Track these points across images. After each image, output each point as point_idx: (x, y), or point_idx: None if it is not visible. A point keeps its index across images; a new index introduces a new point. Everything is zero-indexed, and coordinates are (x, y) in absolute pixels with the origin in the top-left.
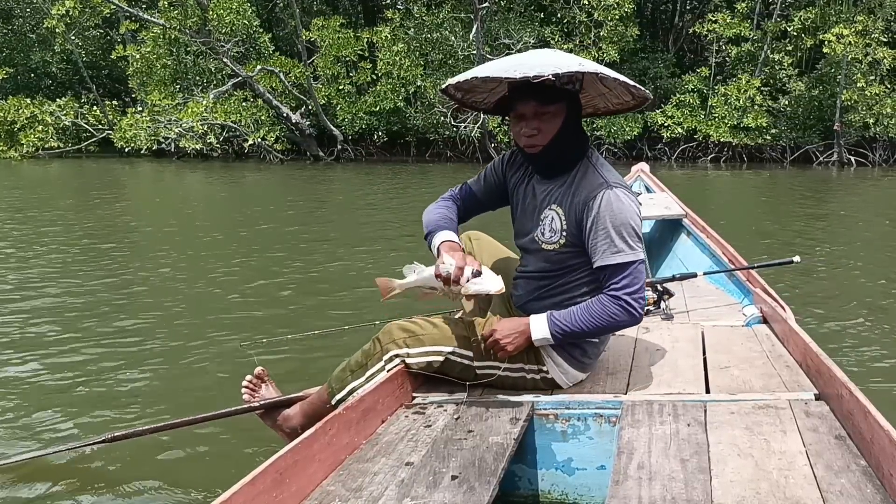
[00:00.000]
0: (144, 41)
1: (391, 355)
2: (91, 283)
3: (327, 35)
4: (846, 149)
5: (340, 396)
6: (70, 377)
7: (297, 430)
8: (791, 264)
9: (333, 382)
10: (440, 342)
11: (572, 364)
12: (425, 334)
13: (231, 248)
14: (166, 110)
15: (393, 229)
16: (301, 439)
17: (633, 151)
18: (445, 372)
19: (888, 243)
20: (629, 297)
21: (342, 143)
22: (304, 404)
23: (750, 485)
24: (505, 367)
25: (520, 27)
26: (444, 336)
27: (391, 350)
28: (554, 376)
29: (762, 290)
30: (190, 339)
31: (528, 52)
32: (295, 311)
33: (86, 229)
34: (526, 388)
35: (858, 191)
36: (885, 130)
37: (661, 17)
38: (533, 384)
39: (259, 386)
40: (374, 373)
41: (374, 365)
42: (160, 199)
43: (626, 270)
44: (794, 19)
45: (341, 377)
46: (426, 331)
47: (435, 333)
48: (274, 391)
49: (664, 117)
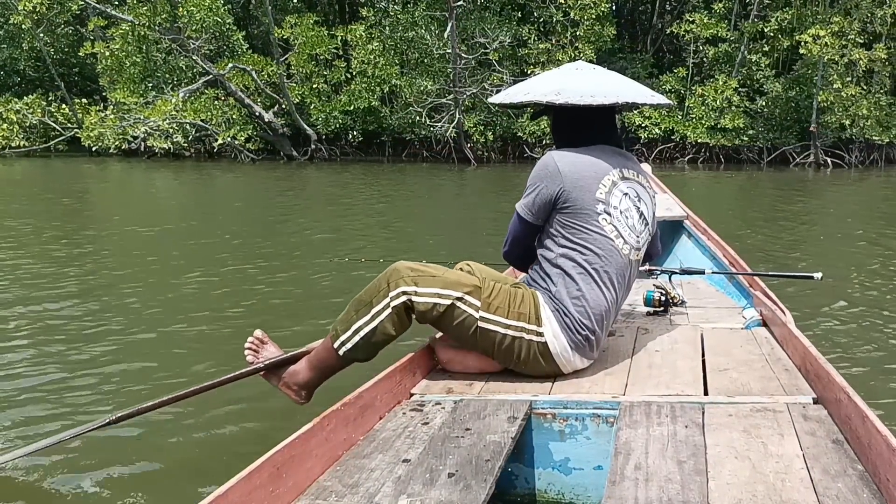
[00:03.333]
0: (114, 38)
1: (399, 292)
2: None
3: (301, 33)
4: (822, 150)
5: (345, 337)
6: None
7: (305, 385)
8: (811, 280)
9: (338, 325)
10: (450, 286)
11: (567, 333)
12: (436, 275)
13: (177, 253)
14: (133, 109)
15: (346, 232)
16: (298, 434)
17: None
18: (445, 322)
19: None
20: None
21: (316, 142)
22: (310, 357)
23: (746, 487)
24: (507, 324)
25: (496, 26)
26: (455, 281)
27: (399, 286)
28: (548, 341)
29: (762, 293)
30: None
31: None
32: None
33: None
34: (520, 355)
35: (836, 192)
36: (860, 132)
37: (640, 17)
38: (528, 349)
39: (261, 347)
40: (379, 310)
41: (379, 302)
42: (120, 200)
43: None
44: (770, 20)
45: (345, 319)
46: (437, 272)
47: (446, 277)
48: (276, 350)
49: (641, 118)
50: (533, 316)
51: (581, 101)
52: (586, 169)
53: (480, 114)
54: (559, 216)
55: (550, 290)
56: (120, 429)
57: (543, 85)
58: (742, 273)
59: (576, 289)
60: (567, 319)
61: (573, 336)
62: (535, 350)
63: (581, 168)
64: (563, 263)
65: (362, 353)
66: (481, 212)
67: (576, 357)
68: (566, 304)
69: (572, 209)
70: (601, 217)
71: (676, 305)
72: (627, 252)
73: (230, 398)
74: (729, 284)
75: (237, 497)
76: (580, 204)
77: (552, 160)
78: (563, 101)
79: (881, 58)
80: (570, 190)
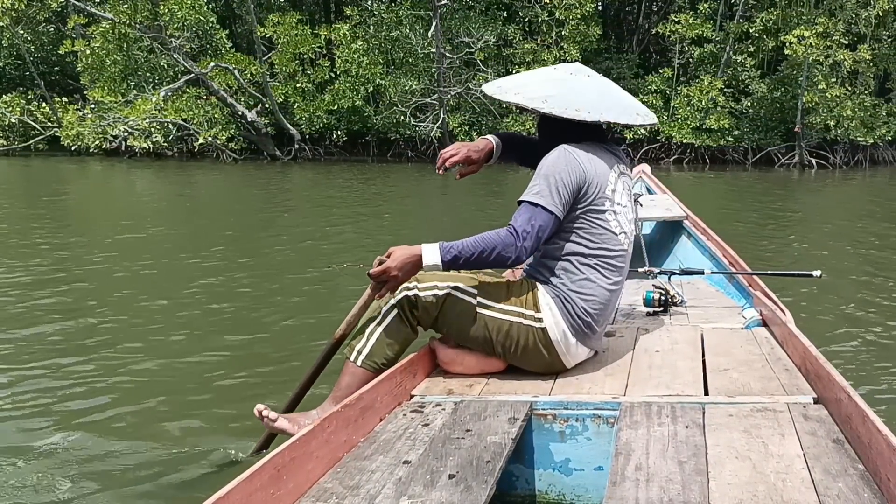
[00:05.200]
0: (94, 36)
1: (402, 288)
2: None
3: (284, 31)
4: (807, 151)
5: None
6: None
7: None
8: (810, 278)
9: (352, 342)
10: (447, 279)
11: (564, 317)
12: (433, 274)
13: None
14: (112, 108)
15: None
16: (298, 436)
17: None
18: (446, 316)
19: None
20: (516, 227)
21: (300, 142)
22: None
23: (747, 487)
24: (506, 310)
25: (481, 25)
26: (450, 275)
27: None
28: (547, 327)
29: (762, 293)
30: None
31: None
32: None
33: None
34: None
35: (823, 192)
36: (845, 133)
37: (626, 17)
38: (527, 336)
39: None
40: (387, 311)
41: (386, 304)
42: (96, 202)
43: (525, 209)
44: (756, 20)
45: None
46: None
47: (442, 273)
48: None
49: None
50: (531, 302)
51: (565, 113)
52: (599, 165)
53: (465, 114)
54: (572, 211)
55: (552, 280)
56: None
57: (534, 88)
58: (742, 273)
59: (580, 279)
60: (569, 305)
61: (574, 322)
62: (535, 337)
63: (596, 164)
64: (569, 257)
65: (379, 356)
66: (468, 212)
67: (577, 346)
68: (568, 293)
69: (587, 205)
70: (608, 213)
71: (676, 306)
72: (626, 245)
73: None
74: (729, 284)
75: (238, 499)
76: (595, 200)
77: (570, 154)
78: (548, 110)
79: (865, 59)
80: (591, 184)
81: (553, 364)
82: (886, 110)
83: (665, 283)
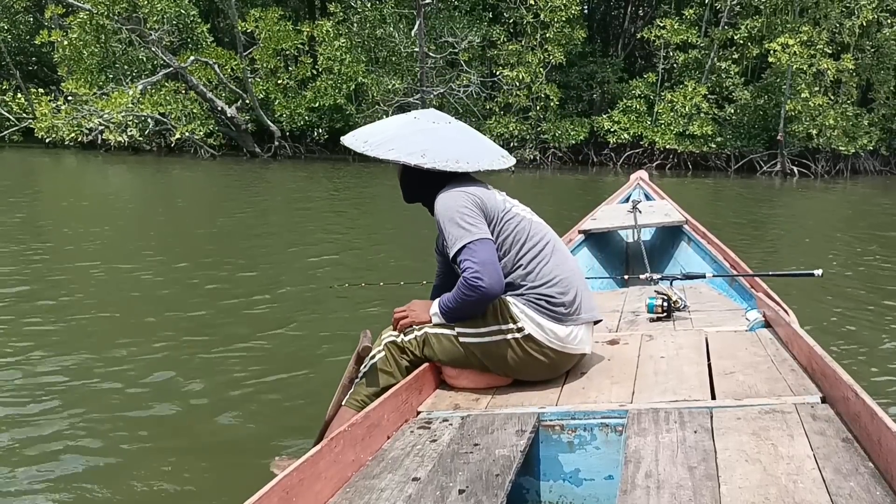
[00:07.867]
0: (71, 27)
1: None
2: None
3: (265, 27)
4: (789, 159)
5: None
6: None
7: None
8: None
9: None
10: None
11: (542, 314)
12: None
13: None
14: (88, 100)
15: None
16: (306, 457)
17: (580, 156)
18: (434, 350)
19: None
20: (469, 276)
21: (280, 139)
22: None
23: (759, 490)
24: (484, 332)
25: (465, 26)
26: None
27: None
28: (530, 331)
29: (765, 294)
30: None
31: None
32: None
33: None
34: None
35: (806, 201)
36: (827, 142)
37: (612, 21)
38: (516, 348)
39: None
40: (374, 354)
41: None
42: (67, 197)
43: (462, 255)
44: (740, 28)
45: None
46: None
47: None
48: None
49: (611, 122)
50: (507, 316)
51: (447, 167)
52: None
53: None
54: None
55: (514, 291)
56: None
57: (407, 142)
58: (743, 275)
59: (534, 272)
60: (541, 301)
61: (553, 311)
62: (525, 347)
63: (475, 189)
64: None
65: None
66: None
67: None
68: (534, 289)
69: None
70: (511, 211)
71: (679, 311)
72: (533, 217)
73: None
74: (730, 287)
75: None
76: (495, 210)
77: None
78: (431, 165)
79: (848, 68)
80: (485, 200)
81: (555, 365)
82: (868, 120)
83: (667, 289)
